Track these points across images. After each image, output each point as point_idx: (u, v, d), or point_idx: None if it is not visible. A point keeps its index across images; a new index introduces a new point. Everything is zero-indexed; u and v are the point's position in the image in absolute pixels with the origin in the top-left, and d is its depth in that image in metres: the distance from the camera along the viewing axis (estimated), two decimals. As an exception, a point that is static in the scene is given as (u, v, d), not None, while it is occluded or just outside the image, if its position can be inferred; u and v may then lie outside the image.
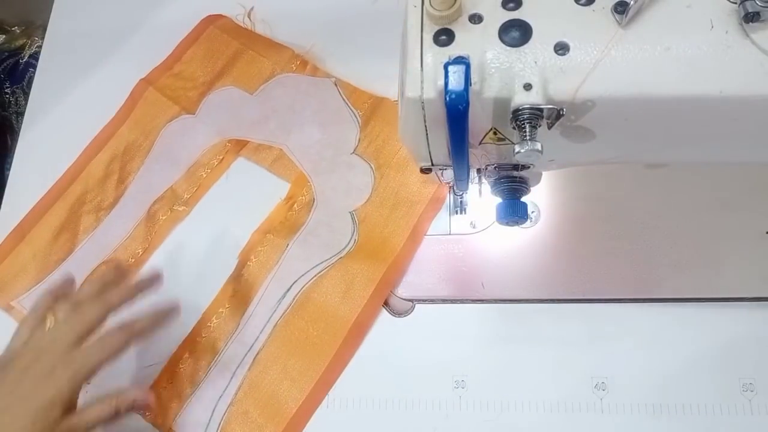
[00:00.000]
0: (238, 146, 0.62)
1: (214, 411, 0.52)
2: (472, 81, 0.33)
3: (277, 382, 0.53)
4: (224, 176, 0.62)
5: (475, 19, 0.35)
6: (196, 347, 0.55)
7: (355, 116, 0.62)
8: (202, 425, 0.52)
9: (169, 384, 0.54)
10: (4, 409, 0.42)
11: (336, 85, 0.63)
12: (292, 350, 0.53)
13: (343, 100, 0.63)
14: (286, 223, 0.58)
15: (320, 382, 0.52)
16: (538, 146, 0.33)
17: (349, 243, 0.57)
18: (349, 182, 0.59)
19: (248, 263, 0.57)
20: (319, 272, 0.56)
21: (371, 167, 0.59)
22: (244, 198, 0.61)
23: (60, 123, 0.67)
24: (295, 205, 0.59)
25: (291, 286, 0.56)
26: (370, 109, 0.62)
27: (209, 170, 0.62)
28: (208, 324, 0.56)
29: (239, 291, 0.57)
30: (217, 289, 0.57)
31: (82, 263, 0.60)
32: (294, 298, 0.55)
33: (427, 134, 0.38)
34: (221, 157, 0.62)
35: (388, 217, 0.57)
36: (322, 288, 0.55)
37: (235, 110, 0.64)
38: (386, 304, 0.55)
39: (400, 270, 0.55)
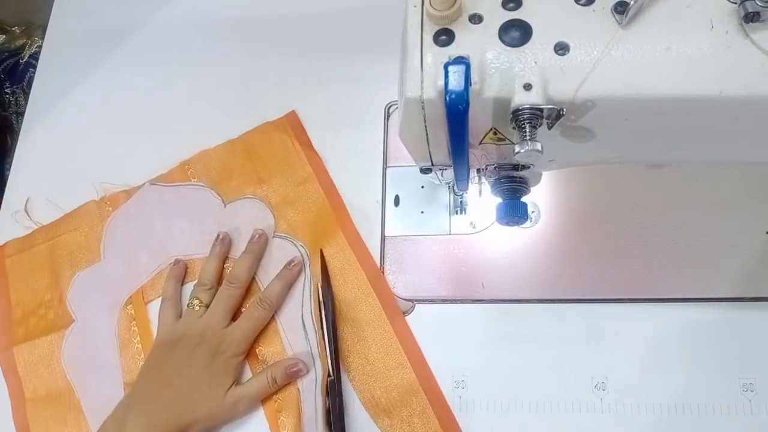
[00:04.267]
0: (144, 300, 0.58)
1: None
2: (472, 81, 0.33)
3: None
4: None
5: (475, 19, 0.35)
6: None
7: (195, 185, 0.61)
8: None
9: None
10: (185, 378, 0.49)
11: (153, 183, 0.61)
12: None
13: (171, 186, 0.61)
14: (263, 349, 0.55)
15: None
16: (538, 146, 0.33)
17: (301, 254, 0.56)
18: (249, 222, 0.58)
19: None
20: (309, 295, 0.55)
21: (250, 197, 0.60)
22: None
23: (60, 123, 0.67)
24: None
25: (304, 322, 0.54)
26: (197, 169, 0.62)
27: (137, 338, 0.56)
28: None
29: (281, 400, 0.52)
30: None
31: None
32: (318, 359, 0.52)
33: (427, 134, 0.38)
34: (134, 323, 0.57)
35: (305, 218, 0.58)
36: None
37: (103, 285, 0.59)
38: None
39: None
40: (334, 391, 0.50)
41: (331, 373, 0.51)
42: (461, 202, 0.58)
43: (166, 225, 0.60)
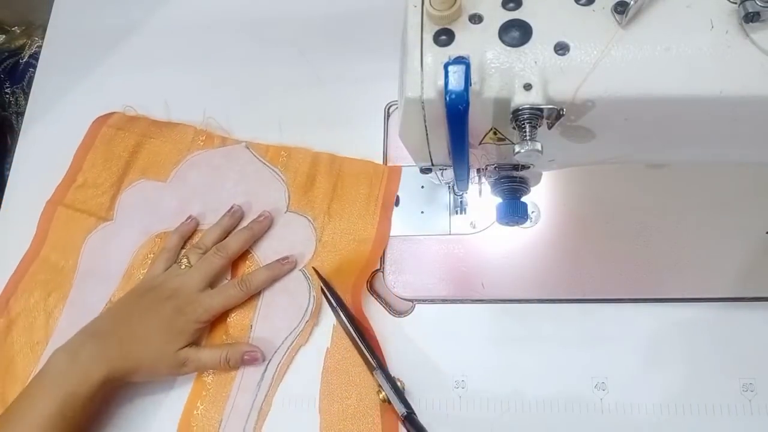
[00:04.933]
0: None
1: None
2: (472, 81, 0.33)
3: None
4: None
5: (475, 19, 0.35)
6: None
7: (277, 173, 0.60)
8: None
9: None
10: (144, 324, 0.51)
11: (248, 148, 0.62)
12: None
13: (260, 161, 0.61)
14: (242, 304, 0.55)
15: None
16: (538, 146, 0.33)
17: (309, 301, 0.55)
18: (290, 240, 0.57)
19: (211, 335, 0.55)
20: (291, 344, 0.53)
21: (308, 219, 0.58)
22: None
23: (60, 123, 0.67)
24: (249, 267, 0.57)
25: (267, 367, 0.53)
26: (289, 161, 0.60)
27: (145, 269, 0.58)
28: (191, 425, 0.52)
29: (211, 386, 0.53)
30: (187, 390, 0.53)
31: None
32: (273, 377, 0.53)
33: (427, 134, 0.38)
34: (153, 255, 0.58)
35: (340, 264, 0.56)
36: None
37: (153, 204, 0.61)
38: (387, 304, 0.55)
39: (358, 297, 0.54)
40: (383, 378, 0.50)
41: (374, 365, 0.50)
42: (461, 202, 0.58)
43: (233, 194, 0.60)
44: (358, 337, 0.52)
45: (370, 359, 0.51)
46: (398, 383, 0.50)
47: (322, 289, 0.55)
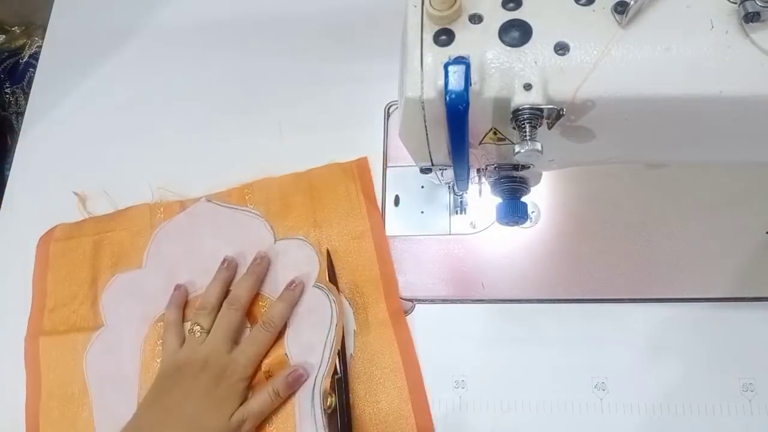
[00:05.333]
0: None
1: None
2: (472, 81, 0.33)
3: None
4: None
5: (475, 19, 0.35)
6: None
7: (250, 211, 0.59)
8: None
9: None
10: (187, 406, 0.49)
11: (210, 200, 0.60)
12: None
13: (227, 207, 0.59)
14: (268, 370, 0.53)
15: None
16: (538, 146, 0.33)
17: (332, 309, 0.53)
18: (293, 266, 0.56)
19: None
20: (330, 353, 0.52)
21: (301, 239, 0.57)
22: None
23: (60, 123, 0.67)
24: (263, 307, 0.55)
25: (315, 383, 0.51)
26: (255, 196, 0.59)
27: (160, 357, 0.55)
28: None
29: (274, 428, 0.51)
30: None
31: None
32: (321, 392, 0.51)
33: (427, 134, 0.38)
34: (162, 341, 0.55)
35: (355, 266, 0.56)
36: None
37: (138, 293, 0.58)
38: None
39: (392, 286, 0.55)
40: (341, 389, 0.50)
41: (338, 371, 0.51)
42: (461, 202, 0.58)
43: (215, 249, 0.58)
44: (343, 342, 0.52)
45: (337, 365, 0.51)
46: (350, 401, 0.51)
47: (328, 273, 0.55)
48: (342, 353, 0.52)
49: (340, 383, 0.51)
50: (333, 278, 0.55)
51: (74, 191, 0.63)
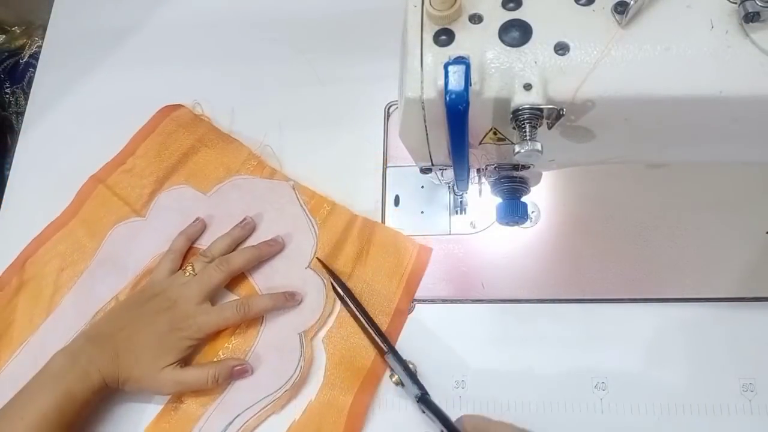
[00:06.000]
0: (189, 254, 0.58)
1: None
2: (472, 81, 0.33)
3: None
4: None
5: (475, 19, 0.35)
6: None
7: (313, 225, 0.58)
8: None
9: None
10: (139, 336, 0.51)
11: (294, 189, 0.59)
12: None
13: (301, 206, 0.59)
14: (233, 344, 0.54)
15: None
16: (538, 146, 0.33)
17: (294, 372, 0.52)
18: (302, 299, 0.55)
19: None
20: (264, 407, 0.51)
21: (324, 283, 0.55)
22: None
23: (60, 123, 0.67)
24: (242, 324, 0.54)
25: (233, 420, 0.51)
26: (329, 216, 0.58)
27: None
28: None
29: (174, 419, 0.52)
30: (149, 418, 0.52)
31: (17, 375, 0.53)
32: None
33: (427, 134, 0.38)
34: None
35: (348, 337, 0.54)
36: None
37: (187, 211, 0.59)
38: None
39: (369, 394, 0.51)
40: (395, 362, 0.50)
41: (386, 349, 0.51)
42: (461, 202, 0.58)
43: (265, 229, 0.58)
44: (368, 324, 0.52)
45: (380, 343, 0.51)
46: (410, 366, 0.51)
47: (332, 284, 0.55)
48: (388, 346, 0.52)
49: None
50: (336, 281, 0.55)
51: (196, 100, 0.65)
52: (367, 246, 0.57)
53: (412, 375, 0.50)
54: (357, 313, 0.53)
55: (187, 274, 0.54)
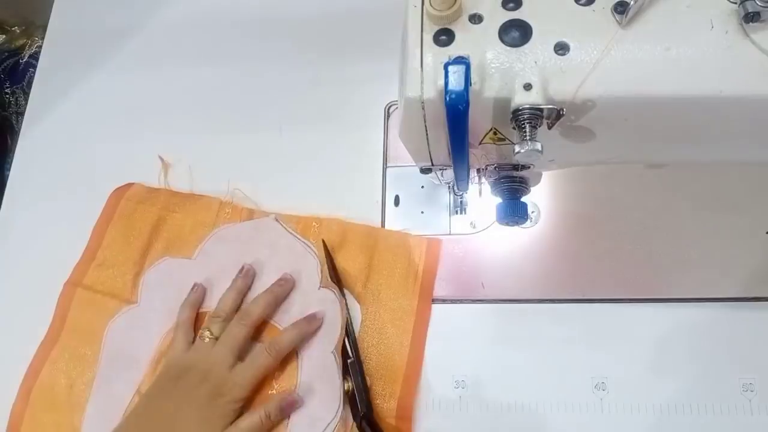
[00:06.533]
0: (200, 319, 0.55)
1: None
2: (472, 81, 0.33)
3: None
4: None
5: (475, 19, 0.35)
6: None
7: (310, 247, 0.57)
8: None
9: None
10: (182, 418, 0.49)
11: (278, 220, 0.58)
12: None
13: (291, 234, 0.57)
14: (276, 388, 0.52)
15: None
16: (538, 146, 0.33)
17: (341, 392, 0.51)
18: (324, 319, 0.54)
19: None
20: None
21: (337, 296, 0.54)
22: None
23: (60, 123, 0.67)
24: (279, 366, 0.52)
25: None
26: (321, 232, 0.57)
27: None
28: None
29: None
30: None
31: None
32: None
33: (427, 134, 0.38)
34: None
35: (378, 342, 0.53)
36: None
37: (179, 283, 0.57)
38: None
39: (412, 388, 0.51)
40: (355, 370, 0.51)
41: (351, 355, 0.51)
42: (461, 202, 0.58)
43: (263, 269, 0.56)
44: (350, 326, 0.53)
45: (349, 350, 0.51)
46: (367, 382, 0.51)
47: (330, 274, 0.55)
48: (349, 334, 0.52)
49: (354, 365, 0.51)
50: (332, 266, 0.55)
51: (160, 155, 0.63)
52: (374, 252, 0.56)
53: (364, 392, 0.50)
54: (347, 314, 0.53)
55: (206, 340, 0.52)
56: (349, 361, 0.51)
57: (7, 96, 0.83)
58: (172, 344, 0.54)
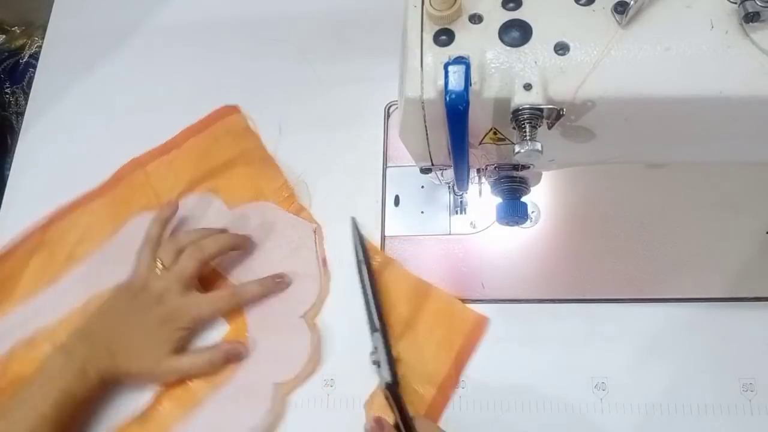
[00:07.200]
0: (214, 279, 0.57)
1: None
2: (472, 81, 0.33)
3: None
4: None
5: (475, 19, 0.35)
6: None
7: (322, 275, 0.56)
8: None
9: None
10: (131, 331, 0.51)
11: (315, 233, 0.58)
12: None
13: (316, 252, 0.57)
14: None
15: None
16: (538, 146, 0.33)
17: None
18: (286, 350, 0.53)
19: (159, 406, 0.52)
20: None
21: (310, 339, 0.53)
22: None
23: (60, 123, 0.67)
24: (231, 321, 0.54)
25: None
26: (381, 270, 0.56)
27: None
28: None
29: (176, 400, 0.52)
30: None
31: (9, 331, 0.56)
32: None
33: (427, 134, 0.38)
34: None
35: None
36: None
37: (206, 221, 0.59)
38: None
39: None
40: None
41: (377, 327, 0.52)
42: (461, 202, 0.58)
43: (273, 265, 0.56)
44: (373, 297, 0.53)
45: (375, 321, 0.52)
46: (393, 354, 0.51)
47: (359, 243, 0.55)
48: (378, 307, 0.53)
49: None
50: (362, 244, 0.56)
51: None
52: (421, 310, 0.54)
53: (392, 361, 0.50)
54: (367, 286, 0.53)
55: (158, 269, 0.53)
56: (372, 334, 0.51)
57: (7, 96, 0.83)
58: (138, 260, 0.55)
